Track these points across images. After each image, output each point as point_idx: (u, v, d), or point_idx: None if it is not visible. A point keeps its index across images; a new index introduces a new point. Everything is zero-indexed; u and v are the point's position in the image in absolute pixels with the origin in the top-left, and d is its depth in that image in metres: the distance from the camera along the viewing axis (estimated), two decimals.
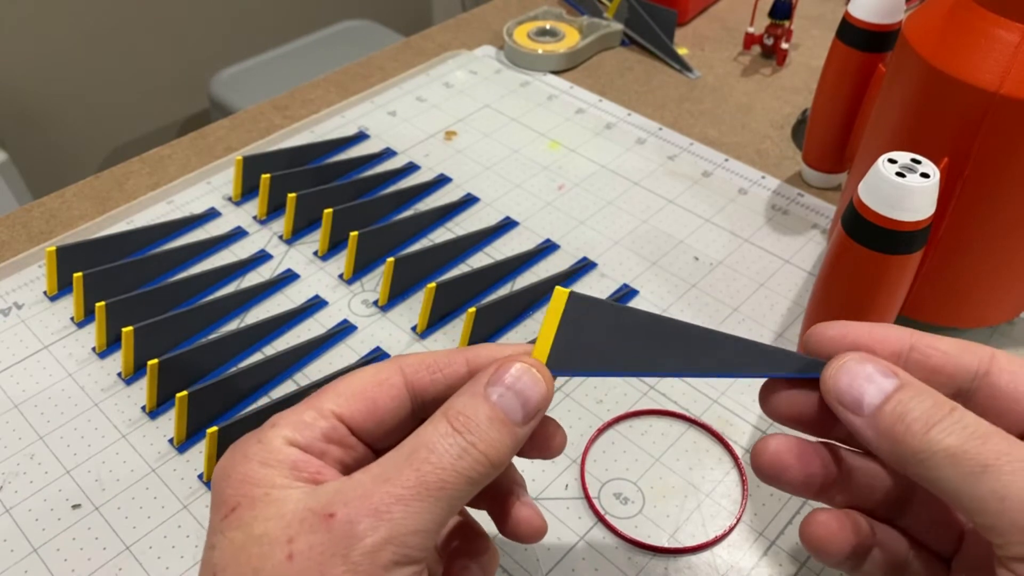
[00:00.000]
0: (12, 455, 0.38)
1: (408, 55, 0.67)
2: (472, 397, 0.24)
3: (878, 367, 0.24)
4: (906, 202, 0.31)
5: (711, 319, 0.44)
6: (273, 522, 0.22)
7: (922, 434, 0.23)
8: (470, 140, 0.57)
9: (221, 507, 0.24)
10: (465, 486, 0.23)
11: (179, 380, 0.40)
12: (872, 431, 0.24)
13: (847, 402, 0.24)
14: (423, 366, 0.26)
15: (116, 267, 0.44)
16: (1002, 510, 0.21)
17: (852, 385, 0.24)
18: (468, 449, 0.23)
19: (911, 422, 0.23)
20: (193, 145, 0.57)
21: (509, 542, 0.34)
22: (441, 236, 0.49)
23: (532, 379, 0.25)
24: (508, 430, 0.24)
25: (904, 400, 0.23)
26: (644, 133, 0.58)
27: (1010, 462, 0.21)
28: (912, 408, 0.23)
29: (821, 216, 0.51)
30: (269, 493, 0.23)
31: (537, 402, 0.25)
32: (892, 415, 0.23)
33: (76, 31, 1.27)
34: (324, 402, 0.25)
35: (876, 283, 0.34)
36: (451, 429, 0.24)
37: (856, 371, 0.24)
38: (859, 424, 0.24)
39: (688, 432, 0.39)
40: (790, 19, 0.64)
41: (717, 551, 0.34)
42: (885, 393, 0.24)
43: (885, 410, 0.24)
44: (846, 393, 0.24)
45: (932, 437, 0.22)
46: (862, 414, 0.24)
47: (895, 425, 0.23)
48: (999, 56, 0.33)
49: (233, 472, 0.24)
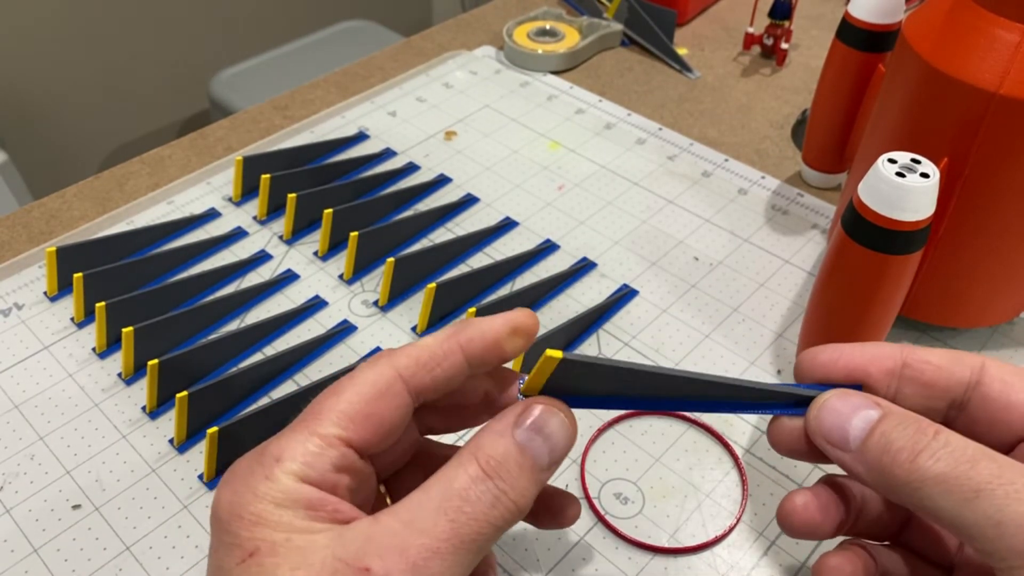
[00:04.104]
0: (12, 455, 0.38)
1: (408, 55, 0.67)
2: (500, 437, 0.24)
3: (860, 399, 0.25)
4: (906, 202, 0.31)
5: (711, 319, 0.44)
6: (302, 571, 0.21)
7: (909, 463, 0.23)
8: (470, 140, 0.57)
9: (235, 550, 0.22)
10: (495, 535, 0.23)
11: (179, 380, 0.40)
12: (862, 466, 0.24)
13: (834, 440, 0.25)
14: (420, 365, 0.25)
15: (116, 267, 0.44)
16: (999, 535, 0.21)
17: (836, 423, 0.25)
18: (500, 497, 0.23)
19: (896, 452, 0.23)
20: (193, 145, 0.57)
21: (508, 542, 0.34)
22: (441, 236, 0.49)
23: (559, 423, 0.24)
24: (535, 476, 0.24)
25: (887, 430, 0.23)
26: (644, 133, 0.58)
27: (1002, 485, 0.21)
28: (896, 438, 0.23)
29: (821, 216, 0.51)
30: (291, 539, 0.22)
31: (564, 447, 0.25)
32: (877, 447, 0.23)
33: (77, 32, 1.27)
34: (327, 427, 0.24)
35: (876, 283, 0.34)
36: (483, 474, 0.23)
37: (839, 408, 0.25)
38: (848, 460, 0.24)
39: (688, 432, 0.39)
40: (790, 19, 0.64)
41: (717, 551, 0.34)
42: (870, 423, 0.24)
43: (870, 443, 0.24)
44: (831, 431, 0.25)
45: (920, 465, 0.22)
46: (849, 449, 0.24)
47: (881, 456, 0.23)
48: (999, 56, 0.33)
49: (244, 512, 0.22)
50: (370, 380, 0.24)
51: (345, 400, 0.24)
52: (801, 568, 0.34)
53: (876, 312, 0.35)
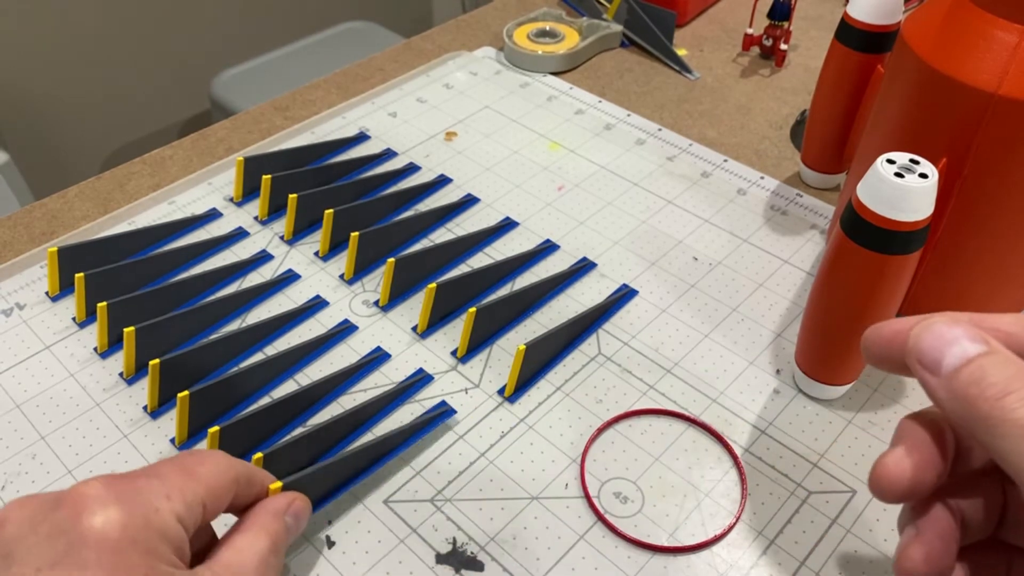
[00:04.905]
0: (14, 455, 0.38)
1: (408, 56, 0.67)
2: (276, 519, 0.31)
3: (967, 332, 0.24)
4: (905, 202, 0.32)
5: (710, 319, 0.44)
6: None
7: (995, 399, 0.22)
8: (470, 141, 0.57)
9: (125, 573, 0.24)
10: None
11: (180, 380, 0.40)
12: (945, 392, 0.23)
13: (926, 362, 0.24)
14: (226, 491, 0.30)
15: (118, 268, 0.44)
16: None
17: (934, 346, 0.24)
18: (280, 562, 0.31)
19: (986, 386, 0.22)
20: (194, 146, 0.57)
21: (509, 539, 0.34)
22: (441, 236, 0.49)
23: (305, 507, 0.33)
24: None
25: (985, 365, 0.23)
26: (643, 134, 0.58)
27: None
28: (991, 373, 0.23)
29: (820, 216, 0.51)
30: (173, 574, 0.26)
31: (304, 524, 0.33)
32: (969, 377, 0.23)
33: (78, 32, 1.27)
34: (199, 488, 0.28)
35: (875, 283, 0.34)
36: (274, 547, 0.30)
37: (942, 333, 0.24)
38: (933, 384, 0.24)
39: (687, 431, 0.39)
40: (789, 20, 0.64)
41: (716, 550, 0.35)
42: (967, 356, 0.23)
43: (963, 372, 0.23)
44: (927, 353, 0.24)
45: (1005, 404, 0.22)
46: (939, 374, 0.24)
47: (969, 387, 0.23)
48: (997, 57, 0.34)
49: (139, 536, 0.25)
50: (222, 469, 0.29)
51: (211, 474, 0.29)
52: (800, 567, 0.34)
53: (875, 312, 0.35)
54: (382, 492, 0.36)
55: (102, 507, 0.25)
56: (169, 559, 0.26)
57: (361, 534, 0.35)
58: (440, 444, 0.38)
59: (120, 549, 0.24)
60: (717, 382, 0.41)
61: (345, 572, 0.34)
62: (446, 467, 0.37)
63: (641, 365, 0.42)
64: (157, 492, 0.26)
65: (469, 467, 0.37)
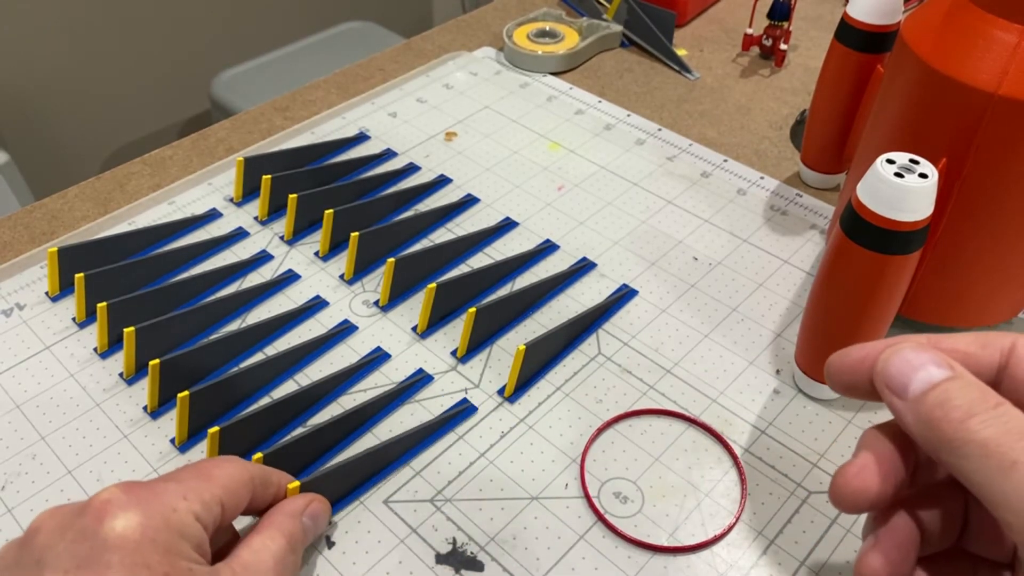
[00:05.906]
0: (14, 455, 0.38)
1: (408, 56, 0.67)
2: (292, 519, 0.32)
3: (934, 357, 0.25)
4: (904, 202, 0.32)
5: (710, 319, 0.44)
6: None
7: (959, 422, 0.23)
8: (470, 141, 0.57)
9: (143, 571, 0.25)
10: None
11: (180, 380, 0.40)
12: (912, 415, 0.24)
13: (894, 386, 0.25)
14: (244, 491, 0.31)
15: (118, 268, 0.44)
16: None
17: (901, 371, 0.25)
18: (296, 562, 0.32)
19: (951, 409, 0.23)
20: (194, 146, 0.57)
21: (509, 539, 0.34)
22: (441, 237, 0.49)
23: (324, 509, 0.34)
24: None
25: (950, 389, 0.24)
26: (643, 134, 0.58)
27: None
28: (955, 396, 0.23)
29: (820, 216, 0.51)
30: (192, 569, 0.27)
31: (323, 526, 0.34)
32: (934, 401, 0.23)
33: (78, 32, 1.27)
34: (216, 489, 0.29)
35: (874, 283, 0.34)
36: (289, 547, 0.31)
37: (909, 359, 0.25)
38: (901, 408, 0.25)
39: (687, 431, 0.39)
40: (789, 20, 0.64)
41: (716, 550, 0.35)
42: (932, 381, 0.24)
43: (929, 396, 0.24)
44: (895, 377, 0.25)
45: (969, 426, 0.22)
46: (906, 398, 0.24)
47: (934, 410, 0.23)
48: (997, 57, 0.34)
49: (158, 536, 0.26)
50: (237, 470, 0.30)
51: (227, 475, 0.30)
52: (800, 567, 0.34)
53: (874, 312, 0.35)
54: (382, 492, 0.36)
55: (122, 511, 0.26)
56: (189, 555, 0.27)
57: (361, 534, 0.35)
58: (440, 444, 0.38)
59: (141, 549, 0.25)
60: (717, 382, 0.41)
61: (345, 572, 0.34)
62: (446, 467, 0.37)
63: (641, 365, 0.42)
64: (174, 494, 0.28)
65: (469, 467, 0.37)
